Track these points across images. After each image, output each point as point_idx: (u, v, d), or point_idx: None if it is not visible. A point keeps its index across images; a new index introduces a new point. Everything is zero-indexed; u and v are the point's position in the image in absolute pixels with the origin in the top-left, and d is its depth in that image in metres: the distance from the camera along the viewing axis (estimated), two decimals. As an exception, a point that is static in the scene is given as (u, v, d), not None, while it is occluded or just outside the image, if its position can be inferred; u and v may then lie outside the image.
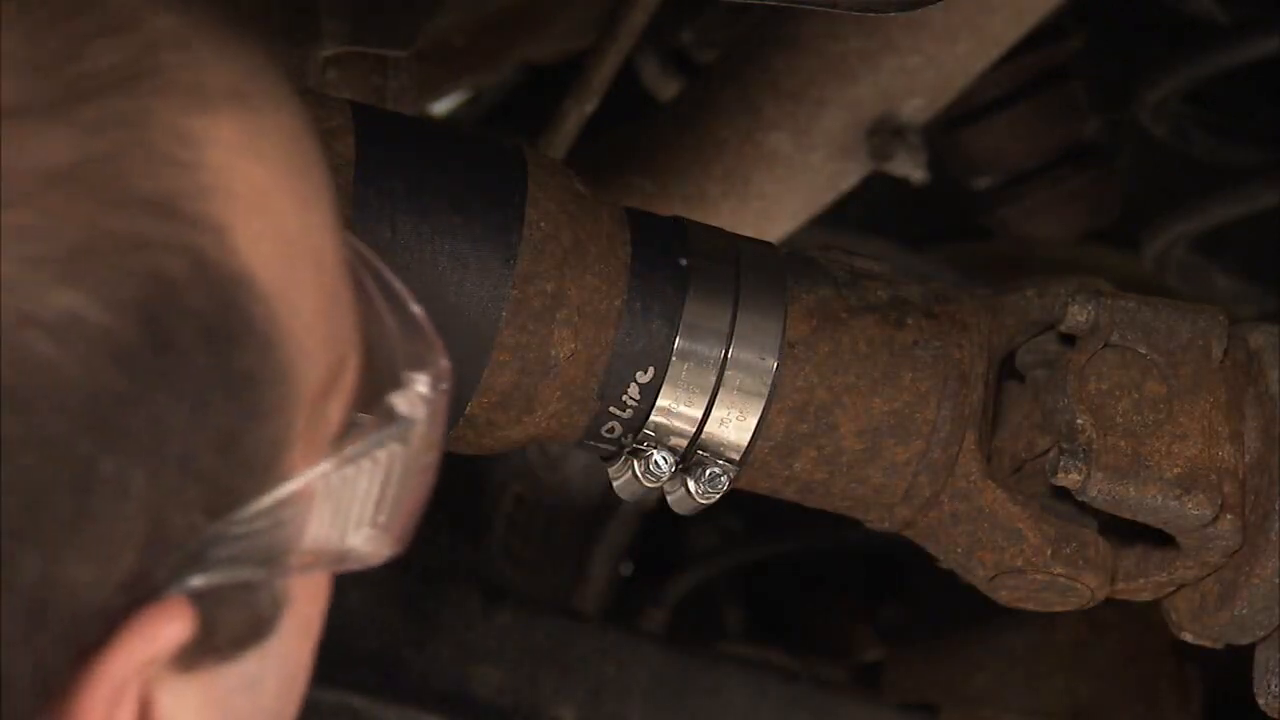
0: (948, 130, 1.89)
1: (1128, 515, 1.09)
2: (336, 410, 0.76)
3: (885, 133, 1.72)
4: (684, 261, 1.09)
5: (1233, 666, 1.19)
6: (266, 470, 0.73)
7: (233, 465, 0.71)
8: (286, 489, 0.73)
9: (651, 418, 1.09)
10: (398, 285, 0.79)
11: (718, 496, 1.10)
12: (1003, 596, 1.13)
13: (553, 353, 1.07)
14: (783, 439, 1.09)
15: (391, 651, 1.72)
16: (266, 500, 0.73)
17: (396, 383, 0.77)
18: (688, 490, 1.10)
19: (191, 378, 0.69)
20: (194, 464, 0.70)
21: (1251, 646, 1.12)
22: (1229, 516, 1.08)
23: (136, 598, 0.70)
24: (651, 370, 1.08)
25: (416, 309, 0.79)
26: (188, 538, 0.71)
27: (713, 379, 1.08)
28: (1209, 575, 1.11)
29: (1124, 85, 1.87)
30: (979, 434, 1.11)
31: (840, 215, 1.85)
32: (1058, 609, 1.13)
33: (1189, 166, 1.91)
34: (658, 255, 1.09)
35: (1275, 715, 1.13)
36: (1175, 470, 1.08)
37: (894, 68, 1.69)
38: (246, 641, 0.75)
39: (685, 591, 2.09)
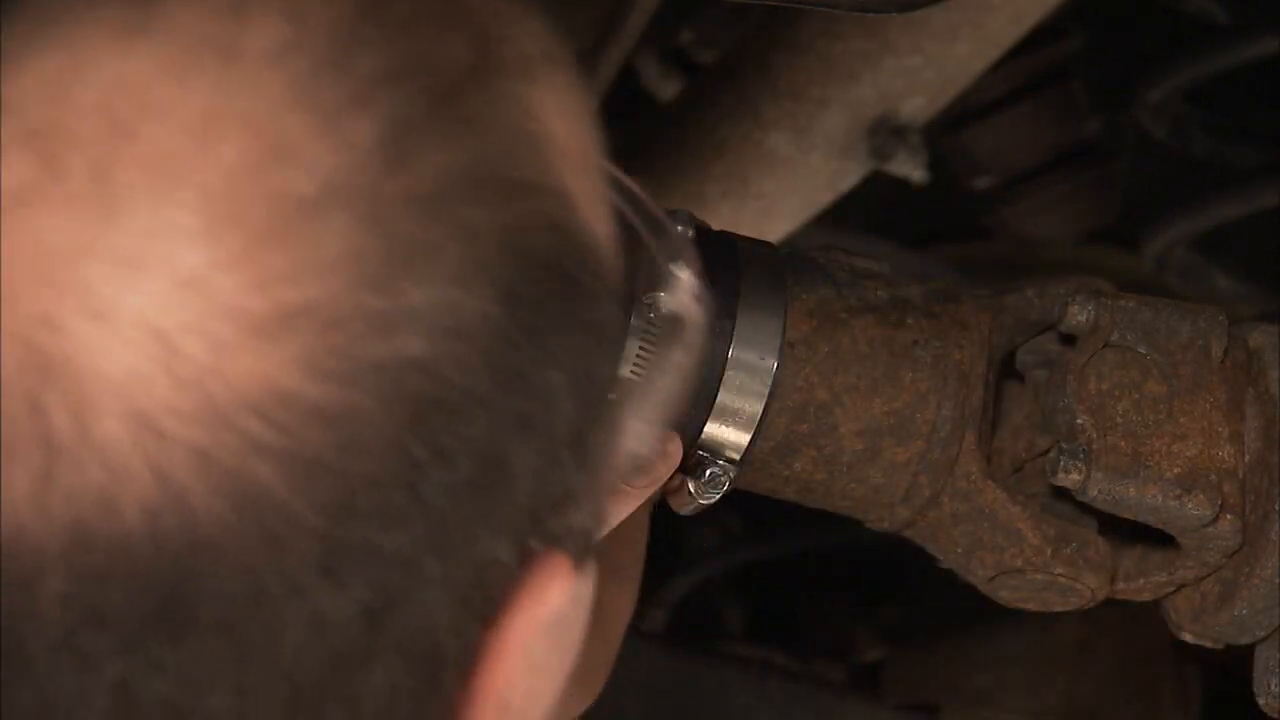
0: (948, 130, 1.89)
1: (1128, 515, 1.09)
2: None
3: (885, 133, 1.72)
4: (684, 261, 1.09)
5: (1233, 666, 1.19)
6: (605, 403, 0.73)
7: (593, 413, 0.72)
8: (617, 415, 0.74)
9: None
10: (639, 191, 0.80)
11: (718, 496, 1.10)
12: (1003, 597, 1.13)
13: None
14: (783, 439, 1.09)
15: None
16: (604, 431, 0.73)
17: (658, 279, 0.78)
18: (688, 490, 1.10)
19: (568, 346, 0.71)
20: (575, 426, 0.71)
21: (1251, 646, 1.12)
22: (1229, 516, 1.08)
23: (525, 558, 0.71)
24: (651, 370, 1.08)
25: (656, 209, 0.80)
26: (560, 489, 0.72)
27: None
28: (1209, 575, 1.11)
29: (1124, 85, 1.87)
30: (979, 434, 1.10)
31: (840, 215, 1.85)
32: (1058, 609, 1.13)
33: (1189, 166, 1.91)
34: (658, 255, 1.09)
35: (1275, 715, 1.12)
36: (1175, 470, 1.08)
37: (894, 68, 1.69)
38: (584, 564, 0.75)
39: (685, 591, 2.09)
